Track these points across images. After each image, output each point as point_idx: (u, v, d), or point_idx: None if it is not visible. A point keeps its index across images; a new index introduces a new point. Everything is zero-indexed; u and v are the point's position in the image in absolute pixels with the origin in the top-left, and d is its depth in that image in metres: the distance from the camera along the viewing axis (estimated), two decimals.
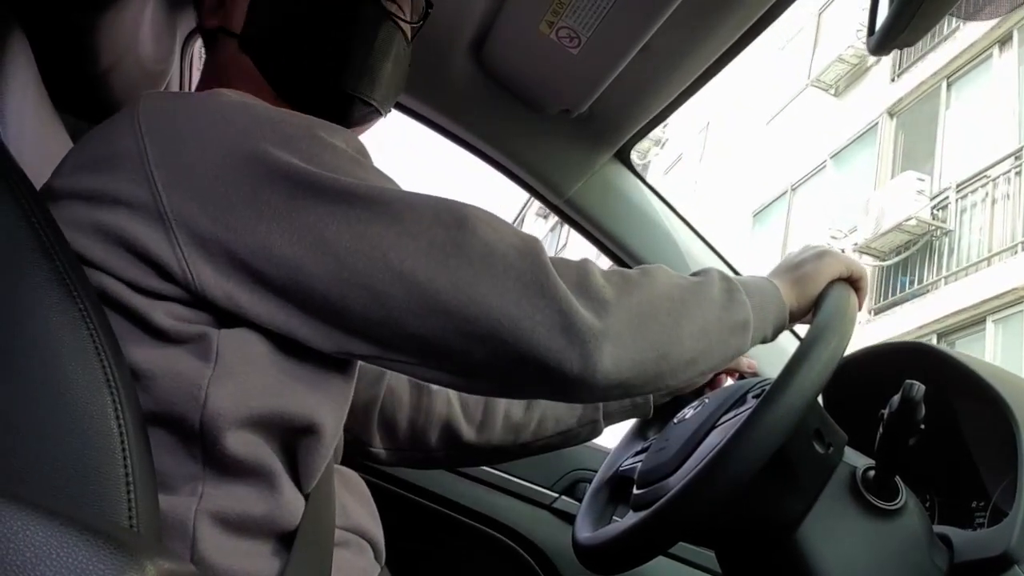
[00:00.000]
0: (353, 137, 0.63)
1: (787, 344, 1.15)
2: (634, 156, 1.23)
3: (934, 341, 6.77)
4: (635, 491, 0.80)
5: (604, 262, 0.89)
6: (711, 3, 0.94)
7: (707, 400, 0.85)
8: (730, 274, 0.69)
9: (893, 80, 9.22)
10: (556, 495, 1.32)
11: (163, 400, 0.54)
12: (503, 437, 0.97)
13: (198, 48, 1.09)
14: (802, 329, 0.76)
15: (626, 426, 1.06)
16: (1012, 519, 0.64)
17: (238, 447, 0.55)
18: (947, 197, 7.93)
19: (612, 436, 1.07)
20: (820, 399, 0.71)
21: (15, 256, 0.49)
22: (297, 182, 0.55)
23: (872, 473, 0.71)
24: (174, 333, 0.55)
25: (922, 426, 0.66)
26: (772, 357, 1.06)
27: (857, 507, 0.69)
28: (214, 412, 0.54)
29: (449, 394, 0.96)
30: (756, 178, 11.17)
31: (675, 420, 0.88)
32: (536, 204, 1.41)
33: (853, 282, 0.76)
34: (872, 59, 9.50)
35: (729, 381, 1.03)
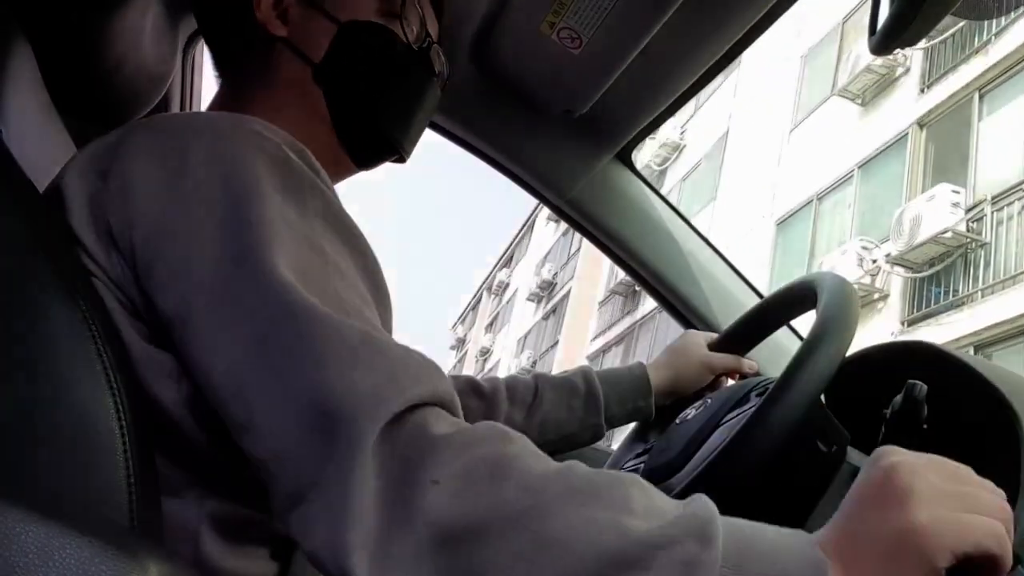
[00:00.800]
0: (331, 203, 0.57)
1: (789, 343, 1.15)
2: (651, 163, 1.23)
3: (971, 353, 6.56)
4: None
5: (615, 269, 0.88)
6: (713, 3, 0.94)
7: (709, 400, 0.85)
8: (726, 530, 0.40)
9: (922, 91, 9.06)
10: None
11: (155, 409, 0.54)
12: None
13: (200, 50, 1.09)
14: (804, 328, 0.76)
15: (627, 428, 1.06)
16: (1014, 519, 0.63)
17: (228, 459, 0.54)
18: (982, 210, 7.78)
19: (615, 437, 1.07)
20: (823, 398, 0.71)
21: (17, 258, 0.49)
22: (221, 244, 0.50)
23: None
24: (143, 347, 0.54)
25: (925, 426, 0.66)
26: (774, 357, 1.06)
27: None
28: (195, 430, 0.53)
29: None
30: (780, 187, 11.03)
31: (677, 421, 0.87)
32: (546, 209, 1.41)
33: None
34: (900, 69, 9.33)
35: (730, 382, 1.03)
